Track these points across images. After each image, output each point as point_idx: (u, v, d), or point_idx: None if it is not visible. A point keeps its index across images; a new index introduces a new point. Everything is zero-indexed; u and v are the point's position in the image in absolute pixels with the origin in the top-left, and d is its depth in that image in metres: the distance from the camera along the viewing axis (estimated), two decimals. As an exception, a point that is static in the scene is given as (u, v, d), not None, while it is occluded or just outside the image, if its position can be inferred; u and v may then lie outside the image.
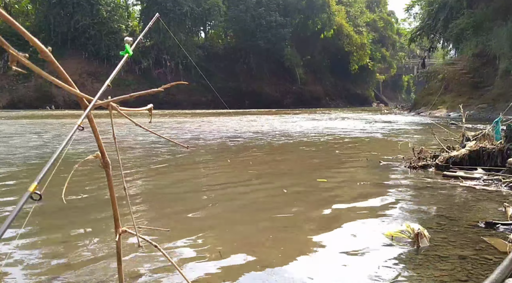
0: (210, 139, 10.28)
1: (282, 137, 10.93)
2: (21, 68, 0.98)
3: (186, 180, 5.04)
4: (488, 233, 2.77)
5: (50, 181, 1.04)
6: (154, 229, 2.79)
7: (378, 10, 71.71)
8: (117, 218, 1.46)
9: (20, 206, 0.86)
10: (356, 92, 62.66)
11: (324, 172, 5.47)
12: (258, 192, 4.27)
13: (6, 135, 10.59)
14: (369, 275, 2.11)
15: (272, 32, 47.09)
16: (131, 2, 50.59)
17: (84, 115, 1.19)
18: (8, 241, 2.62)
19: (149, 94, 1.39)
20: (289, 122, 18.02)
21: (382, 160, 6.25)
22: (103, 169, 1.41)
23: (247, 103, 43.95)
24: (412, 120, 21.01)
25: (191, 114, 27.76)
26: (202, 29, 51.81)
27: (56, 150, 1.01)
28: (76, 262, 2.29)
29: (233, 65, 48.21)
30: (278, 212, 3.39)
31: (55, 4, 40.16)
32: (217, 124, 16.89)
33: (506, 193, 4.05)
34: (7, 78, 36.47)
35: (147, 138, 9.69)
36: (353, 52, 57.02)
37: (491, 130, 5.52)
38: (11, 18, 0.91)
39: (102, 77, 35.71)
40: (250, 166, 6.05)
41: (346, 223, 3.04)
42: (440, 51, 41.14)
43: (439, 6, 32.06)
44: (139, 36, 2.08)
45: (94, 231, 2.90)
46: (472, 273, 2.10)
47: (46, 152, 7.30)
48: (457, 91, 27.88)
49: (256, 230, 2.96)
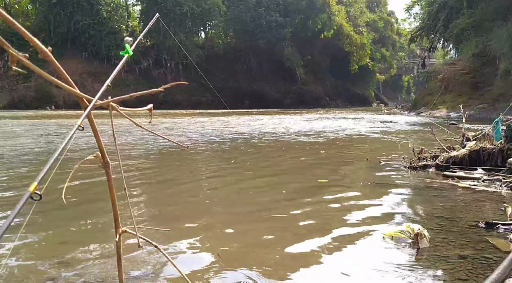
0: (210, 139, 10.28)
1: (283, 137, 10.93)
2: (21, 68, 0.98)
3: (186, 180, 5.04)
4: (488, 233, 2.76)
5: (50, 181, 1.04)
6: (154, 229, 2.79)
7: (378, 10, 71.72)
8: (117, 218, 1.46)
9: (20, 206, 0.86)
10: (356, 92, 62.69)
11: (324, 172, 5.47)
12: (259, 192, 4.26)
13: (6, 135, 10.59)
14: (369, 275, 2.11)
15: (272, 32, 47.12)
16: (131, 2, 50.68)
17: (84, 116, 1.19)
18: (8, 241, 2.62)
19: (149, 94, 1.39)
20: (289, 122, 18.01)
21: (382, 159, 6.25)
22: (103, 169, 1.41)
23: (247, 104, 43.98)
24: (412, 120, 21.01)
25: (191, 114, 27.76)
26: (202, 29, 51.85)
27: (56, 150, 1.01)
28: (76, 262, 2.29)
29: (233, 65, 48.23)
30: (278, 212, 3.39)
31: (55, 4, 40.20)
32: (217, 124, 16.89)
33: (506, 193, 4.05)
34: (7, 79, 36.50)
35: (147, 139, 9.69)
36: (353, 52, 57.04)
37: (491, 131, 5.52)
38: (11, 18, 0.91)
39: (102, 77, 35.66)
40: (250, 166, 6.05)
41: (346, 223, 3.04)
42: (440, 51, 41.19)
43: (439, 6, 32.07)
44: (139, 36, 2.08)
45: (94, 231, 2.89)
46: (472, 273, 2.10)
47: (45, 151, 7.30)
48: (457, 91, 27.87)
49: (256, 230, 2.96)
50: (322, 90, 56.70)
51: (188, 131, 13.06)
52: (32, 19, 44.00)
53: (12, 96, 36.17)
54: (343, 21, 55.54)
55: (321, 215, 3.34)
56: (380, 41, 66.64)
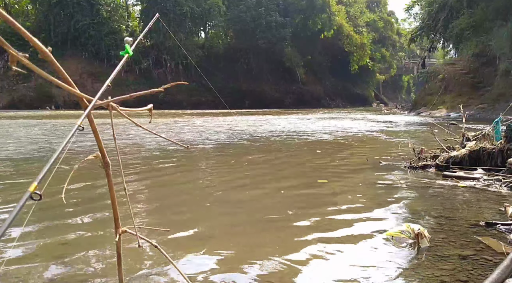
0: (210, 139, 10.27)
1: (283, 137, 10.93)
2: (21, 68, 0.97)
3: (186, 180, 5.04)
4: (488, 233, 2.76)
5: (50, 181, 1.04)
6: (154, 229, 2.79)
7: (378, 10, 71.70)
8: (117, 218, 1.46)
9: (20, 206, 0.86)
10: (356, 92, 62.65)
11: (324, 172, 5.47)
12: (259, 193, 4.27)
13: (6, 135, 10.58)
14: (369, 276, 2.11)
15: (272, 32, 47.09)
16: (131, 2, 50.65)
17: (84, 116, 1.19)
18: (8, 241, 2.62)
19: (149, 94, 1.39)
20: (289, 123, 18.01)
21: (382, 160, 6.25)
22: (103, 169, 1.40)
23: (247, 104, 43.94)
24: (412, 121, 21.01)
25: (191, 114, 27.76)
26: (202, 29, 51.79)
27: (56, 150, 1.01)
28: (76, 262, 2.29)
29: (233, 65, 48.18)
30: (278, 213, 3.39)
31: (55, 4, 40.17)
32: (217, 124, 16.89)
33: (506, 193, 4.05)
34: (7, 79, 36.48)
35: (147, 139, 9.69)
36: (353, 52, 57.01)
37: (491, 131, 5.52)
38: (11, 18, 0.91)
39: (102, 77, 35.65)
40: (250, 166, 6.04)
41: (346, 223, 3.04)
42: (440, 51, 41.17)
43: (439, 6, 32.06)
44: (139, 36, 2.07)
45: (94, 231, 2.89)
46: (472, 273, 2.10)
47: (45, 151, 7.30)
48: (457, 91, 27.88)
49: (256, 230, 2.96)
50: (322, 90, 56.67)
51: (188, 131, 13.06)
52: (32, 19, 43.96)
53: (12, 96, 36.15)
54: (343, 21, 55.51)
55: (321, 215, 3.34)
56: (380, 41, 66.59)
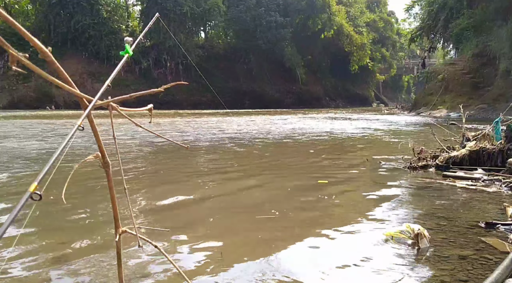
0: (210, 139, 10.27)
1: (283, 137, 10.93)
2: (21, 68, 0.97)
3: (186, 179, 5.04)
4: (488, 233, 2.76)
5: (50, 181, 1.04)
6: (154, 229, 2.79)
7: (378, 10, 71.70)
8: (117, 218, 1.46)
9: (20, 206, 0.86)
10: (356, 92, 62.67)
11: (324, 172, 5.47)
12: (259, 193, 4.27)
13: (6, 135, 10.59)
14: (369, 276, 2.11)
15: (272, 32, 47.10)
16: (131, 2, 50.63)
17: (84, 116, 1.19)
18: (9, 241, 2.62)
19: (149, 94, 1.38)
20: (289, 123, 18.01)
21: (382, 160, 6.25)
22: (103, 169, 1.40)
23: (247, 104, 43.98)
24: (412, 121, 21.01)
25: (191, 114, 27.76)
26: (202, 29, 51.81)
27: (56, 150, 1.00)
28: (76, 262, 2.29)
29: (233, 65, 48.19)
30: (278, 212, 3.39)
31: (55, 4, 40.18)
32: (217, 124, 16.89)
33: (506, 193, 4.05)
34: (7, 79, 36.47)
35: (147, 139, 9.69)
36: (353, 52, 57.03)
37: (491, 131, 5.52)
38: (11, 18, 0.91)
39: (102, 77, 35.69)
40: (251, 166, 6.05)
41: (346, 223, 3.04)
42: (440, 51, 41.16)
43: (439, 6, 32.09)
44: (139, 36, 2.07)
45: (94, 231, 2.89)
46: (472, 273, 2.10)
47: (45, 151, 7.30)
48: (457, 91, 27.88)
49: (257, 230, 2.96)
50: (322, 90, 56.68)
51: (188, 131, 13.05)
52: (32, 19, 43.95)
53: (12, 96, 36.15)
54: (343, 21, 55.52)
55: (321, 215, 3.34)
56: (380, 41, 66.60)
